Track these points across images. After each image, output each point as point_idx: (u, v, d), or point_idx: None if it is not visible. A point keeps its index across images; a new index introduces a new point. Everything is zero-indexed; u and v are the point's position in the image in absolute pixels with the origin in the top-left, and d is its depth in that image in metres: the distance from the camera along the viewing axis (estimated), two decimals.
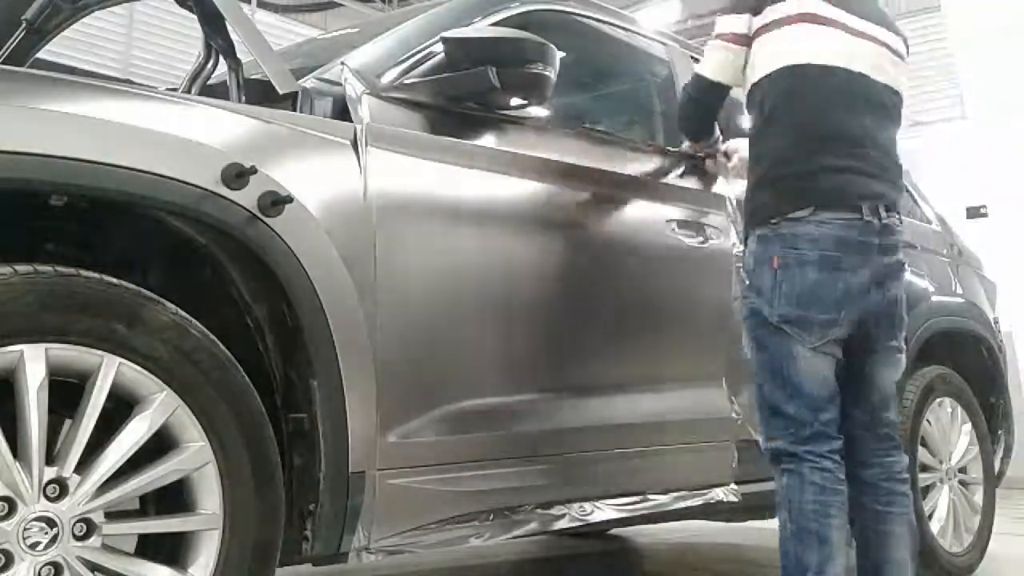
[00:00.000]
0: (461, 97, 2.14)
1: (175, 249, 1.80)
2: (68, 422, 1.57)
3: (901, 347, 2.25)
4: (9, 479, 1.46)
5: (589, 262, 2.35)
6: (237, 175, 1.68)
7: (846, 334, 2.13)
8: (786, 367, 2.10)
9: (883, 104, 2.26)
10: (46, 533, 1.48)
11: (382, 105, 2.02)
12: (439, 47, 2.13)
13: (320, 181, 1.85)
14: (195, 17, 2.03)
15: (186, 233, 1.74)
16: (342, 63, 2.06)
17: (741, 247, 2.73)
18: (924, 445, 3.40)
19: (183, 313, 1.63)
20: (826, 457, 2.08)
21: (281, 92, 1.90)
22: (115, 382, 1.56)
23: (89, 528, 1.53)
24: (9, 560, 1.45)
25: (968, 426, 3.64)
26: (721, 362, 2.67)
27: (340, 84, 2.00)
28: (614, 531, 4.53)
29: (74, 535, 1.51)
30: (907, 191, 4.14)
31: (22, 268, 1.49)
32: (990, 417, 3.87)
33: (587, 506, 2.26)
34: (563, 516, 2.20)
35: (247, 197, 1.69)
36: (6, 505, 1.46)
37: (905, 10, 11.96)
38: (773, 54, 2.20)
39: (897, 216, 2.21)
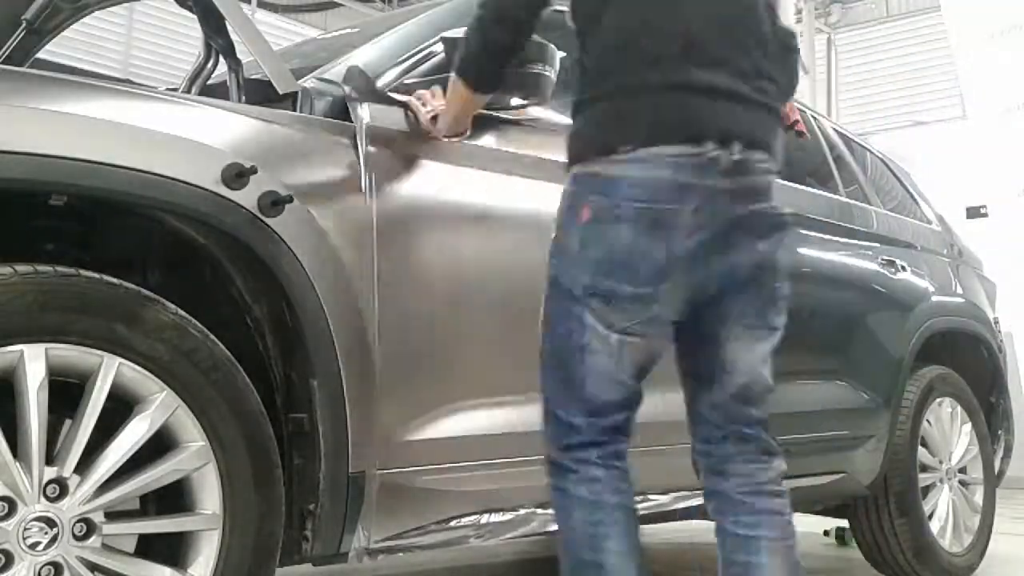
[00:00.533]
0: None
1: (175, 249, 1.80)
2: (68, 422, 1.57)
3: (773, 326, 1.69)
4: (9, 479, 1.46)
5: None
6: (237, 175, 1.68)
7: (674, 314, 1.62)
8: (574, 356, 1.61)
9: None
10: (46, 533, 1.48)
11: (382, 105, 2.02)
12: (439, 47, 2.13)
13: (320, 181, 1.85)
14: (195, 17, 2.03)
15: (186, 233, 1.74)
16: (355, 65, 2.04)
17: None
18: (924, 445, 3.40)
19: (183, 313, 1.63)
20: (594, 463, 1.62)
21: (281, 92, 1.90)
22: (115, 382, 1.56)
23: (89, 528, 1.53)
24: (9, 560, 1.45)
25: (968, 426, 3.64)
26: None
27: (340, 84, 2.00)
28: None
29: (74, 535, 1.51)
30: (907, 191, 4.16)
31: (22, 268, 1.49)
32: (990, 417, 3.88)
33: None
34: None
35: (247, 197, 1.69)
36: (6, 505, 1.46)
37: (905, 10, 11.98)
38: None
39: (764, 152, 1.62)
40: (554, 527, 2.18)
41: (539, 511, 2.16)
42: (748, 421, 1.70)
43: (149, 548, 1.64)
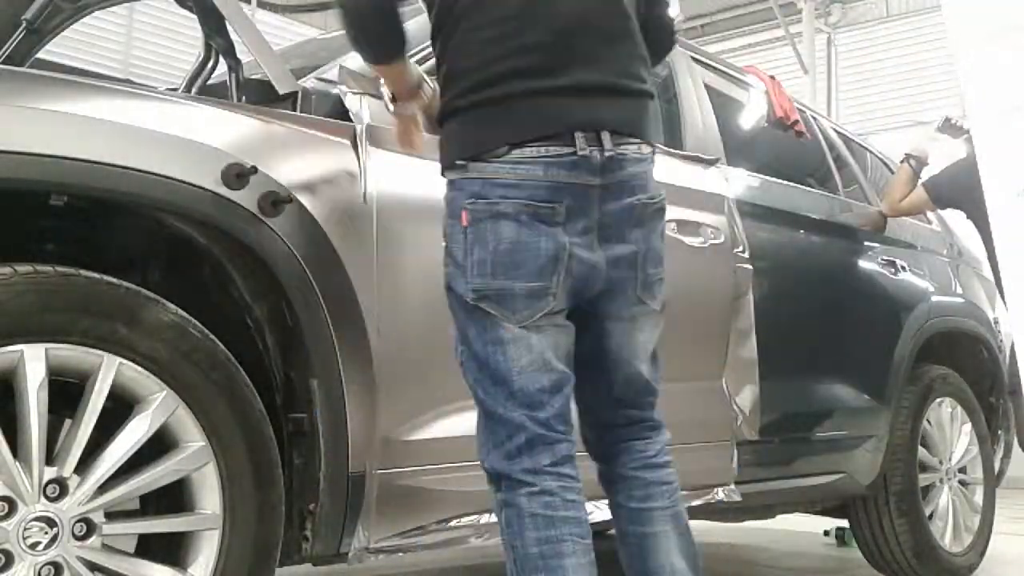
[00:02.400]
0: None
1: (175, 249, 1.80)
2: (68, 422, 1.57)
3: (653, 309, 1.72)
4: (9, 479, 1.46)
5: None
6: (237, 175, 1.68)
7: (569, 304, 1.62)
8: (494, 353, 1.59)
9: None
10: (46, 533, 1.48)
11: (382, 105, 2.01)
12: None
13: (320, 181, 1.85)
14: (195, 17, 2.03)
15: (186, 233, 1.74)
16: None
17: (740, 247, 2.73)
18: (924, 445, 3.40)
19: (183, 313, 1.63)
20: (547, 473, 1.57)
21: (281, 92, 1.90)
22: (115, 382, 1.56)
23: (89, 528, 1.53)
24: (9, 560, 1.45)
25: (968, 426, 3.64)
26: (721, 362, 2.66)
27: (339, 84, 2.00)
28: (614, 531, 4.52)
29: (74, 535, 1.51)
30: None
31: (22, 268, 1.49)
32: (990, 417, 3.88)
33: (587, 506, 2.26)
34: None
35: (247, 197, 1.69)
36: (6, 505, 1.46)
37: (905, 10, 11.98)
38: None
39: (636, 144, 1.64)
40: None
41: None
42: (637, 405, 1.75)
43: (149, 548, 1.64)
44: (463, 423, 2.03)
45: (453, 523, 2.01)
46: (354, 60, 2.13)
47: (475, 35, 1.61)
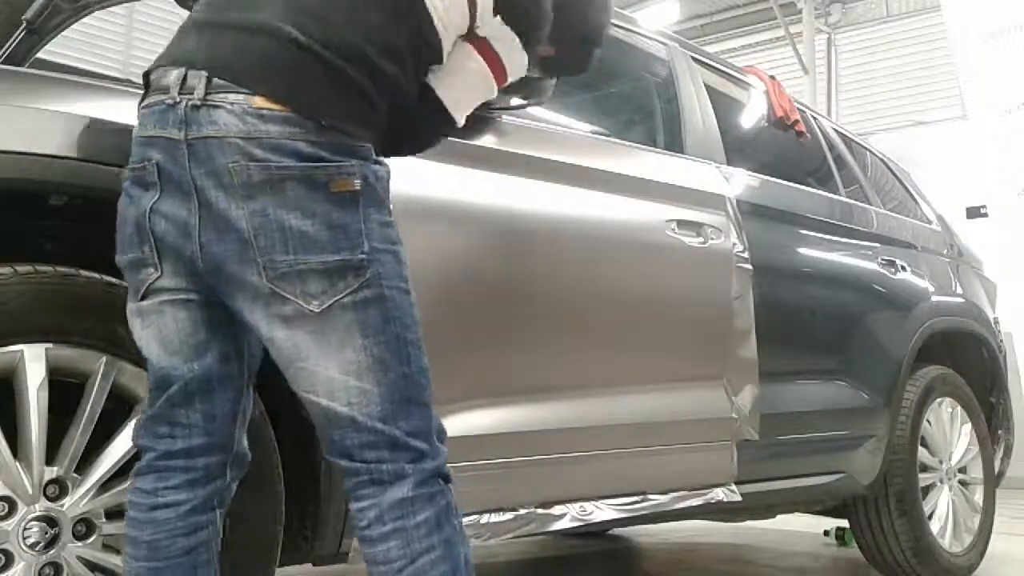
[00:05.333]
0: None
1: None
2: (68, 422, 1.57)
3: (303, 309, 1.29)
4: (9, 479, 1.46)
5: (589, 262, 2.35)
6: None
7: (187, 283, 1.36)
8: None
9: None
10: (46, 533, 1.48)
11: None
12: None
13: None
14: None
15: None
16: None
17: (741, 246, 2.73)
18: (924, 445, 3.40)
19: None
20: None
21: None
22: (115, 382, 1.57)
23: (89, 528, 1.53)
24: (9, 560, 1.45)
25: (968, 426, 3.64)
26: (721, 362, 2.67)
27: None
28: (614, 531, 4.53)
29: (74, 535, 1.51)
30: (907, 191, 4.15)
31: (22, 268, 1.50)
32: (990, 417, 3.88)
33: (587, 506, 2.26)
34: (563, 516, 2.20)
35: None
36: (6, 505, 1.46)
37: (905, 10, 11.99)
38: None
39: (241, 92, 1.28)
40: (556, 527, 2.19)
41: (539, 511, 2.16)
42: (338, 450, 1.34)
43: None
44: (463, 423, 2.03)
45: None
46: None
47: None
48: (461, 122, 1.60)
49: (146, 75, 1.40)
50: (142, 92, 1.41)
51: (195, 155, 1.29)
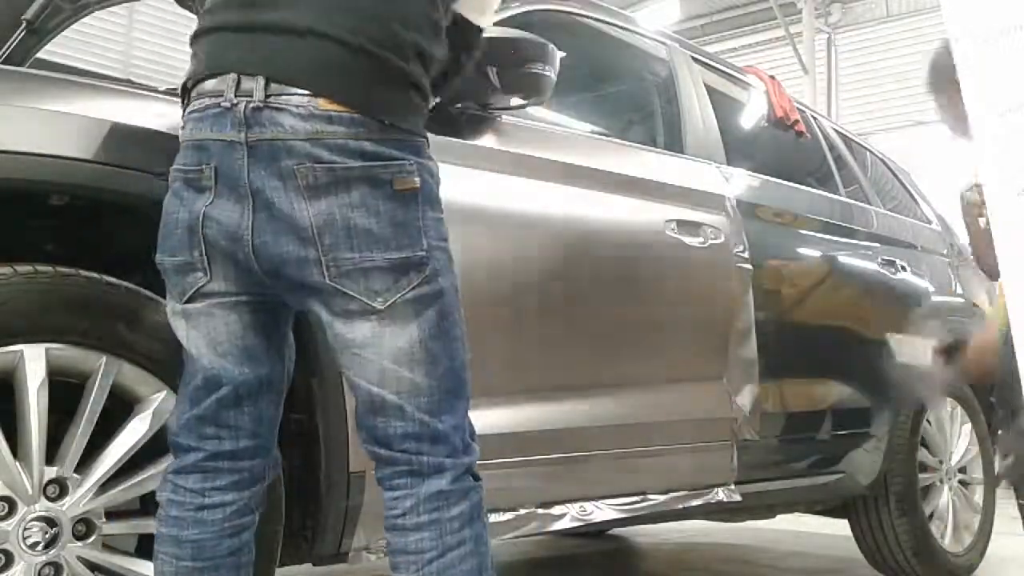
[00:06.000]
0: (461, 97, 2.14)
1: None
2: (68, 422, 1.57)
3: (368, 308, 1.32)
4: (9, 479, 1.46)
5: (589, 262, 2.35)
6: None
7: (237, 287, 1.37)
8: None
9: None
10: (46, 533, 1.48)
11: None
12: None
13: None
14: (195, 17, 2.03)
15: None
16: None
17: (741, 246, 2.73)
18: (924, 445, 3.40)
19: None
20: (166, 482, 1.45)
21: None
22: (115, 382, 1.56)
23: (89, 528, 1.53)
24: (9, 560, 1.45)
25: (968, 426, 3.64)
26: (721, 362, 2.66)
27: None
28: (614, 531, 4.53)
29: (74, 535, 1.51)
30: (907, 191, 4.16)
31: (22, 268, 1.49)
32: (990, 417, 3.88)
33: (587, 506, 2.26)
34: (563, 516, 2.20)
35: None
36: (6, 505, 1.46)
37: (905, 10, 11.99)
38: None
39: (303, 94, 1.30)
40: (556, 527, 2.19)
41: (539, 511, 2.16)
42: (378, 438, 1.38)
43: (149, 548, 1.64)
44: None
45: None
46: None
47: None
48: (489, 23, 1.60)
49: (185, 86, 1.41)
50: (182, 102, 1.42)
51: (256, 157, 1.31)
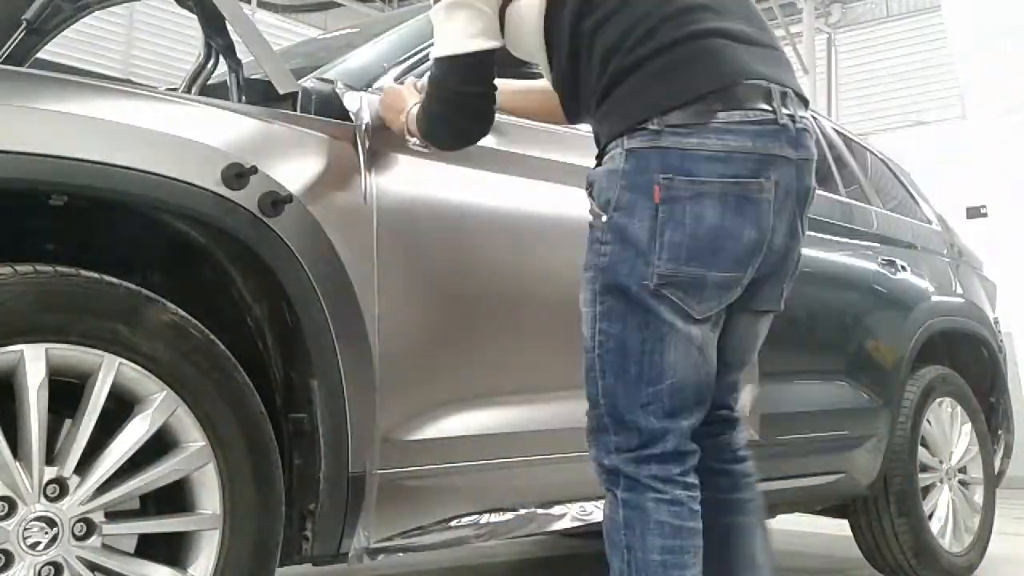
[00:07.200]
0: None
1: (175, 249, 1.80)
2: (68, 422, 1.57)
3: (780, 307, 1.68)
4: (9, 479, 1.46)
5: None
6: (237, 175, 1.68)
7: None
8: (653, 353, 1.46)
9: None
10: (46, 533, 1.48)
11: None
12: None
13: (320, 181, 1.85)
14: (195, 17, 2.03)
15: (186, 233, 1.74)
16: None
17: None
18: (924, 445, 3.40)
19: (183, 313, 1.63)
20: (675, 482, 1.49)
21: (281, 92, 1.90)
22: (115, 382, 1.56)
23: (89, 528, 1.53)
24: (9, 560, 1.45)
25: (968, 426, 3.64)
26: None
27: (337, 83, 2.00)
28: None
29: (74, 535, 1.51)
30: (907, 191, 4.16)
31: (22, 268, 1.49)
32: (990, 417, 3.88)
33: (587, 506, 2.26)
34: (563, 516, 2.20)
35: (247, 197, 1.69)
36: (6, 505, 1.46)
37: (905, 10, 11.99)
38: None
39: (806, 107, 1.53)
40: (556, 527, 2.19)
41: (539, 511, 2.16)
42: (728, 402, 1.71)
43: (149, 548, 1.64)
44: (463, 423, 2.04)
45: (453, 523, 2.01)
46: (356, 59, 2.14)
47: (624, 18, 1.47)
48: None
49: (724, 88, 1.43)
50: (717, 107, 1.42)
51: (800, 176, 1.46)
